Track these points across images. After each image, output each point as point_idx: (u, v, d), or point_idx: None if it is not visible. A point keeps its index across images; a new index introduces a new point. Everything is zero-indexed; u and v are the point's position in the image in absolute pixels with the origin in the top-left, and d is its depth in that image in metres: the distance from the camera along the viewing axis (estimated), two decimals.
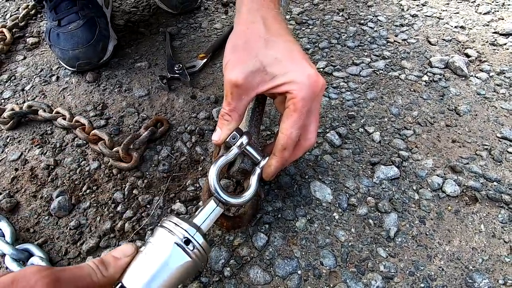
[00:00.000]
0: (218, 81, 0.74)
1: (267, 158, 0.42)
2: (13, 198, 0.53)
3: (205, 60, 0.78)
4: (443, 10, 0.91)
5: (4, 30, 0.90)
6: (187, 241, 0.31)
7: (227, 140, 0.41)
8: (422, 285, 0.41)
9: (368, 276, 0.42)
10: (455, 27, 0.84)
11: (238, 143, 0.41)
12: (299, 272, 0.42)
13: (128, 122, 0.65)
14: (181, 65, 0.75)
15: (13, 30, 0.93)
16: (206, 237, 0.33)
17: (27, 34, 0.94)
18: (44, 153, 0.60)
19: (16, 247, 0.45)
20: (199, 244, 0.32)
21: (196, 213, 0.37)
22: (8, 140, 0.63)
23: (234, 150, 0.41)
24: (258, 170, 0.42)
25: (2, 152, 0.61)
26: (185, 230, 0.31)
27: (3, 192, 0.54)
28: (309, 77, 0.38)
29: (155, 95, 0.71)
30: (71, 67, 0.76)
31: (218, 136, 0.41)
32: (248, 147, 0.42)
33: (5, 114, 0.65)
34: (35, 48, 0.89)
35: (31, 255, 0.45)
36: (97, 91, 0.73)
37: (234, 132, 0.41)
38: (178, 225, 0.32)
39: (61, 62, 0.79)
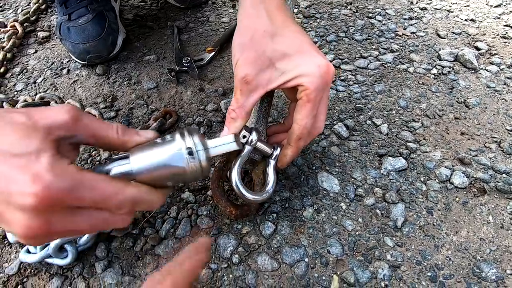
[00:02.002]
0: (225, 74, 0.74)
1: (279, 148, 0.43)
2: None
3: (212, 53, 0.78)
4: (453, 3, 0.90)
5: (16, 24, 0.91)
6: (191, 153, 0.32)
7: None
8: (429, 274, 0.41)
9: (375, 264, 0.42)
10: (465, 20, 0.83)
11: (249, 141, 0.41)
12: (306, 260, 0.43)
13: (138, 114, 0.66)
14: (189, 58, 0.76)
15: (25, 24, 0.95)
16: (209, 160, 0.34)
17: (38, 28, 0.95)
18: None
19: None
20: (200, 160, 0.32)
21: (215, 137, 0.38)
22: None
23: (247, 149, 0.41)
24: (272, 162, 0.43)
25: None
26: (194, 143, 0.32)
27: None
28: (319, 68, 0.38)
29: (164, 87, 0.72)
30: (81, 60, 0.78)
31: (225, 134, 0.41)
32: (258, 143, 0.42)
33: (18, 105, 0.66)
34: (46, 42, 0.91)
35: None
36: (107, 84, 0.74)
37: (244, 131, 0.41)
38: (191, 137, 0.33)
39: (71, 56, 0.80)
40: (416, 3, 0.91)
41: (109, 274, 0.43)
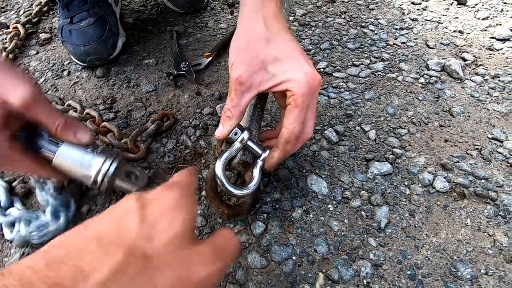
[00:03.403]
0: (222, 78, 0.77)
1: (268, 151, 0.45)
2: (27, 184, 0.56)
3: (210, 58, 0.81)
4: (443, 15, 0.94)
5: (18, 25, 0.93)
6: (95, 182, 0.42)
7: (229, 136, 0.44)
8: (408, 272, 0.43)
9: (359, 263, 0.44)
10: (454, 31, 0.87)
11: (240, 139, 0.44)
12: (294, 258, 0.45)
13: (136, 116, 0.69)
14: (187, 63, 0.78)
15: (26, 26, 0.97)
16: (110, 185, 0.43)
17: (39, 30, 0.97)
18: None
19: None
20: (100, 187, 0.43)
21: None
22: None
23: (237, 145, 0.44)
24: (260, 163, 0.45)
25: None
26: (104, 174, 0.42)
27: (18, 179, 0.57)
28: (306, 75, 0.41)
29: (162, 91, 0.74)
30: (82, 62, 0.80)
31: (220, 132, 0.44)
32: (249, 142, 0.45)
33: None
34: (47, 44, 0.93)
35: None
36: (106, 86, 0.76)
37: (236, 128, 0.44)
38: (109, 165, 0.42)
39: (72, 58, 0.82)
40: (407, 14, 0.95)
41: None
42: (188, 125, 0.65)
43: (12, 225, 0.50)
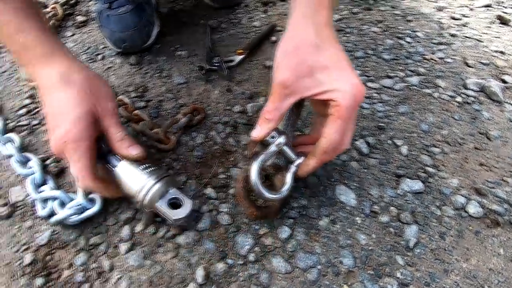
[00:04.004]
0: (253, 78, 0.76)
1: (303, 157, 0.45)
2: (59, 163, 0.57)
3: (243, 56, 0.80)
4: (484, 33, 0.91)
5: (57, 6, 0.95)
6: (142, 204, 0.45)
7: (267, 138, 0.44)
8: None
9: (385, 280, 0.44)
10: (495, 51, 0.84)
11: (277, 142, 0.44)
12: (319, 267, 0.45)
13: (166, 107, 0.69)
14: (219, 58, 0.78)
15: (64, 7, 0.98)
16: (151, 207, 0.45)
17: (76, 12, 0.99)
18: None
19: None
20: (144, 209, 0.46)
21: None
22: None
23: (273, 149, 0.44)
24: (293, 168, 0.45)
25: None
26: (149, 198, 0.44)
27: (50, 157, 0.59)
28: (353, 86, 0.40)
29: (193, 84, 0.75)
30: (117, 48, 0.81)
31: (257, 133, 0.44)
32: (284, 147, 0.44)
33: None
34: (83, 26, 0.94)
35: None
36: (139, 74, 0.77)
37: (274, 132, 0.44)
38: (158, 190, 0.44)
39: (108, 43, 0.83)
40: (446, 29, 0.92)
41: (132, 256, 0.46)
42: (218, 121, 0.65)
43: (45, 201, 0.51)
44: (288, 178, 0.45)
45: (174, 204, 0.45)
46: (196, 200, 0.52)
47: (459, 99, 0.70)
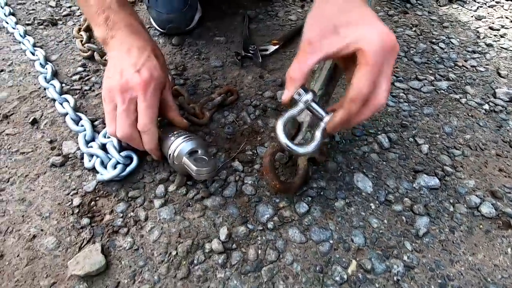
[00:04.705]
0: (285, 67, 0.80)
1: (332, 114, 0.43)
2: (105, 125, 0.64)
3: (277, 46, 0.84)
4: None
5: None
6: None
7: (294, 96, 0.42)
8: (439, 281, 0.45)
9: (392, 261, 0.47)
10: None
11: (304, 99, 0.42)
12: (331, 241, 0.49)
13: (202, 86, 0.75)
14: (255, 46, 0.83)
15: None
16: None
17: None
18: None
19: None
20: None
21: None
22: None
23: (300, 106, 0.43)
24: (322, 125, 0.43)
25: (100, 88, 0.73)
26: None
27: (98, 119, 0.66)
28: (380, 33, 0.38)
29: (228, 68, 0.80)
30: (162, 28, 0.87)
31: (284, 95, 0.43)
32: (312, 103, 0.43)
33: (107, 57, 0.77)
34: (132, 5, 1.01)
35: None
36: (179, 54, 0.83)
37: (300, 89, 0.42)
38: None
39: (153, 23, 0.90)
40: (483, 38, 0.92)
41: (164, 210, 0.52)
42: (249, 104, 0.70)
43: (91, 156, 0.58)
44: (317, 134, 0.43)
45: (200, 161, 0.50)
46: (224, 170, 0.57)
47: (486, 106, 0.71)
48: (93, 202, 0.53)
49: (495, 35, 0.93)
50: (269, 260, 0.47)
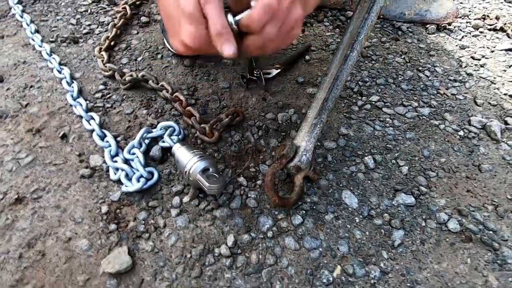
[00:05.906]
0: (286, 90, 0.90)
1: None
2: (126, 141, 0.73)
3: (279, 70, 0.94)
4: (499, 76, 1.00)
5: (126, 6, 1.12)
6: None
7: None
8: (408, 284, 0.55)
9: (370, 267, 0.56)
10: (504, 94, 0.93)
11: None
12: (320, 249, 0.58)
13: (212, 106, 0.84)
14: (259, 70, 0.92)
15: (131, 7, 1.15)
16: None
17: (140, 13, 1.16)
18: (149, 114, 0.80)
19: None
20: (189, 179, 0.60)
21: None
22: (124, 97, 0.84)
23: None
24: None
25: (120, 105, 0.82)
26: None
27: (120, 135, 0.75)
28: None
29: (235, 89, 0.89)
30: (174, 50, 0.96)
31: (228, 51, 0.45)
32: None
33: (126, 78, 0.86)
34: (145, 27, 1.10)
35: None
36: (190, 75, 0.92)
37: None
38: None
39: (167, 45, 0.99)
40: (464, 67, 1.02)
41: (180, 219, 0.61)
42: (253, 125, 0.79)
43: (116, 169, 0.67)
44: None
45: (211, 178, 0.59)
46: (230, 185, 0.66)
47: (461, 133, 0.81)
48: (118, 210, 0.62)
49: (475, 65, 1.03)
50: (268, 263, 0.56)
